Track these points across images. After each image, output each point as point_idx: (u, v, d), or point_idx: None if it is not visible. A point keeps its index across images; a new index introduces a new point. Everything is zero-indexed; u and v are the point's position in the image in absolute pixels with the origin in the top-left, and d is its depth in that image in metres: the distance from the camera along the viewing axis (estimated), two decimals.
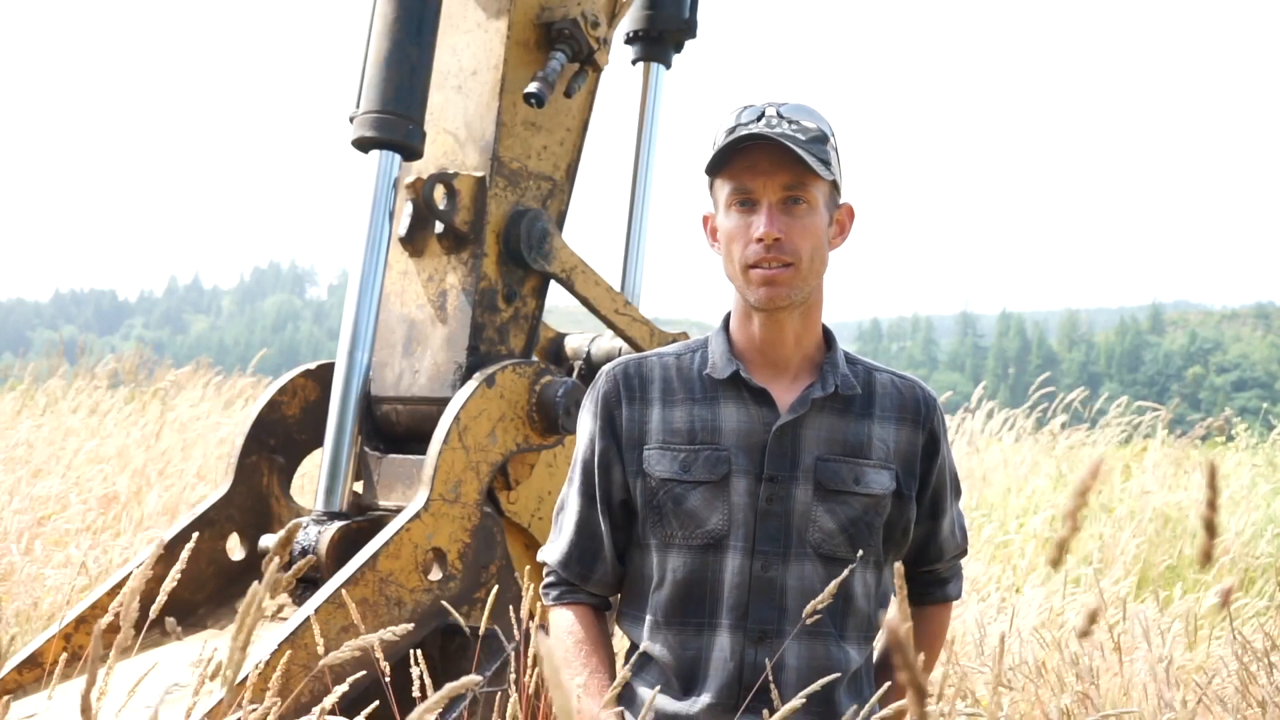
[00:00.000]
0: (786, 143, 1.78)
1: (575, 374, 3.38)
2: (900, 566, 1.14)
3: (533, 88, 3.07)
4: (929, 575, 2.05)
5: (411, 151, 2.96)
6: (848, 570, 1.78)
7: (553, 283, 3.22)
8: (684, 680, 1.85)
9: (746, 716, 1.79)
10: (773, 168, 1.80)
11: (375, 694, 2.16)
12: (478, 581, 2.84)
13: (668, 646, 1.86)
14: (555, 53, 3.15)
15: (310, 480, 5.05)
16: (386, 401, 3.14)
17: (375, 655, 1.81)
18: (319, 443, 3.08)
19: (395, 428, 3.14)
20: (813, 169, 1.78)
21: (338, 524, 2.82)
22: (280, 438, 3.14)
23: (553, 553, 1.97)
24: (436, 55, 3.02)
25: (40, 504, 5.24)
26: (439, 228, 3.09)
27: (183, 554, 1.79)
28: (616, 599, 2.01)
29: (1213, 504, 0.69)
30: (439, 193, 3.05)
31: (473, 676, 0.71)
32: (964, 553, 2.11)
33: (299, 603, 2.81)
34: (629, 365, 1.95)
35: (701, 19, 3.81)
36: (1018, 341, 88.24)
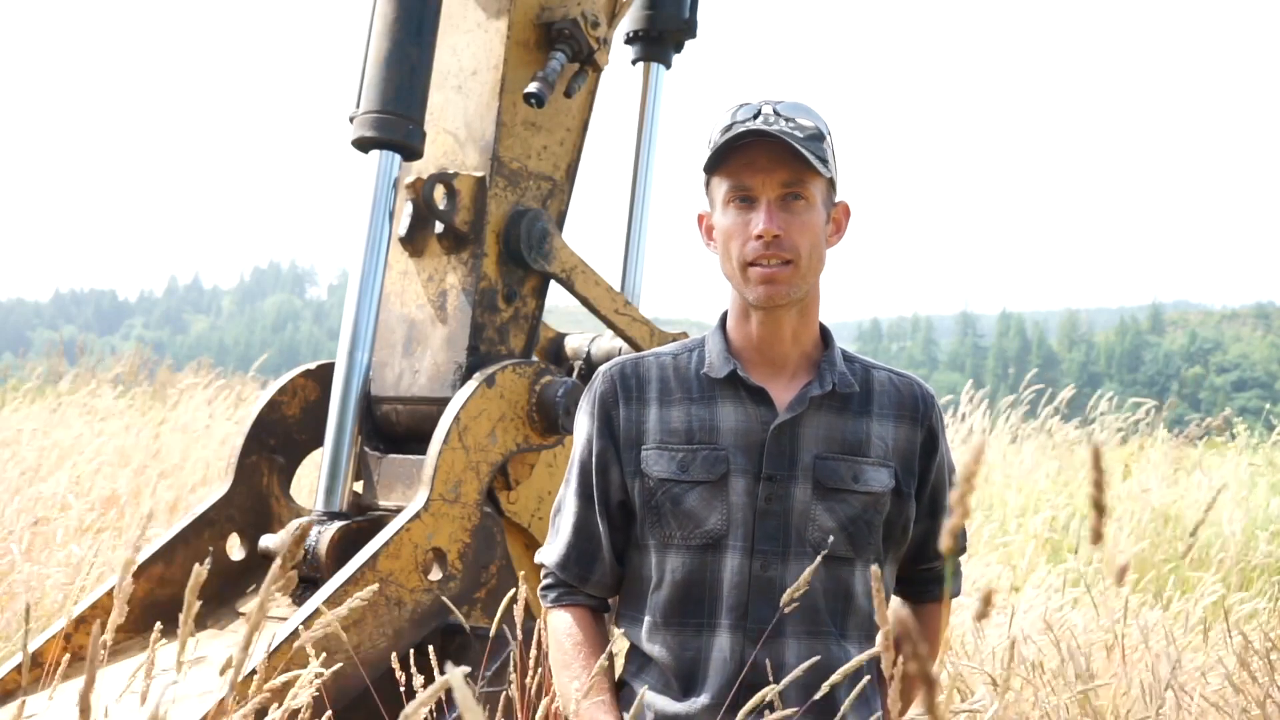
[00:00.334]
0: (785, 139, 1.78)
1: (575, 374, 3.38)
2: (877, 569, 1.14)
3: (533, 88, 3.07)
4: (929, 573, 2.05)
5: (411, 151, 2.96)
6: (820, 557, 1.73)
7: (553, 283, 3.22)
8: (683, 681, 1.85)
9: (746, 717, 1.79)
10: (771, 164, 1.80)
11: (380, 690, 2.16)
12: (478, 581, 2.84)
13: (667, 647, 1.86)
14: (555, 53, 3.15)
15: (310, 480, 5.04)
16: (386, 401, 3.14)
17: (359, 666, 1.81)
18: (319, 443, 3.08)
19: (395, 428, 3.14)
20: (811, 165, 1.78)
21: (338, 524, 2.82)
22: (280, 438, 3.14)
23: (550, 554, 1.96)
24: (436, 55, 3.02)
25: (40, 504, 5.24)
26: (439, 228, 3.09)
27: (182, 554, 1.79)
28: (615, 600, 2.00)
29: (1099, 484, 0.74)
30: (439, 193, 3.06)
31: (461, 668, 0.71)
32: (963, 550, 2.11)
33: (299, 603, 2.81)
34: (626, 365, 1.94)
35: (701, 19, 3.81)
36: (1018, 341, 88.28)
